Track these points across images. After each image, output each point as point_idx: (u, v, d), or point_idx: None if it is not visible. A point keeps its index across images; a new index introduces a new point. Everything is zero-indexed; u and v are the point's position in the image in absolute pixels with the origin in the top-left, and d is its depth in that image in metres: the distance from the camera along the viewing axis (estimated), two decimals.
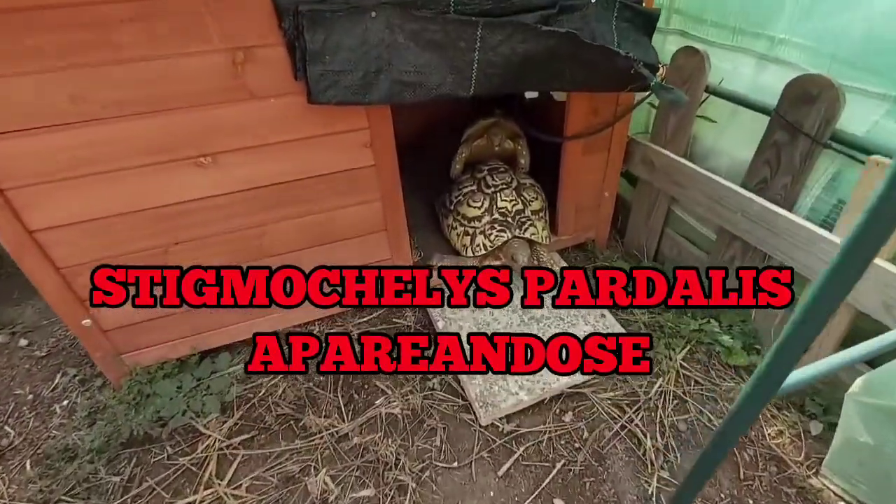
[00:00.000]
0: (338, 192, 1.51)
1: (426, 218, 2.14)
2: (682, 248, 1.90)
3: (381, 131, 1.44)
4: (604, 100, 1.70)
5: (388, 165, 1.52)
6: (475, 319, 1.77)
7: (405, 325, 1.84)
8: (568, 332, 1.71)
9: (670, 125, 1.76)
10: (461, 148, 2.02)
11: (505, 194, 1.80)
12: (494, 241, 1.76)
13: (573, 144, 1.76)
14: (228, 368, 1.70)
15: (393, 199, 1.59)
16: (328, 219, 1.55)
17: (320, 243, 1.59)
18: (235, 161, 1.35)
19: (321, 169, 1.45)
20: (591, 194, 1.96)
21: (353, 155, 1.45)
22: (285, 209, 1.48)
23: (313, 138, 1.39)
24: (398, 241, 1.70)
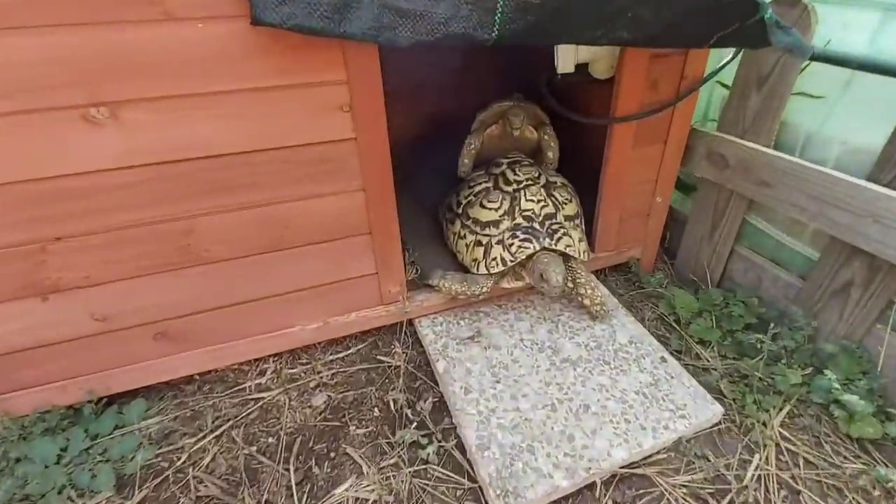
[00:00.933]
0: (300, 176, 1.06)
1: (427, 228, 1.69)
2: (762, 271, 1.44)
3: (366, 88, 1.01)
4: (665, 68, 1.28)
5: (374, 140, 1.08)
6: (487, 359, 1.30)
7: (392, 367, 1.36)
8: (617, 381, 1.23)
9: (751, 107, 1.33)
10: (471, 138, 1.59)
11: (531, 192, 1.36)
12: (517, 253, 1.30)
13: (623, 131, 1.33)
14: (140, 422, 1.21)
15: (381, 190, 1.15)
16: (286, 213, 1.10)
17: (275, 248, 1.13)
18: (144, 118, 0.91)
19: (275, 139, 1.01)
20: (641, 199, 1.52)
21: (323, 121, 1.02)
22: (222, 196, 1.03)
23: (263, 91, 0.95)
24: (387, 249, 1.25)
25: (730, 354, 1.38)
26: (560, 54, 1.37)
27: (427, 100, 2.17)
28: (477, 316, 1.44)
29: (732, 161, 1.38)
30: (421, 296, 1.39)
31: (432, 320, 1.43)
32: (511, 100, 1.56)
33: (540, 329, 1.39)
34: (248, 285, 1.17)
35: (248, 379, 1.31)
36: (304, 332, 1.29)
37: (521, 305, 1.48)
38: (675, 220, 1.71)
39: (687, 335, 1.43)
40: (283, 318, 1.25)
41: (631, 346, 1.34)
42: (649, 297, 1.59)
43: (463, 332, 1.38)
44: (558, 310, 1.46)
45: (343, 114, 1.03)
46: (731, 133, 1.40)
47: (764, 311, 1.41)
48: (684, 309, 1.49)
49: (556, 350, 1.32)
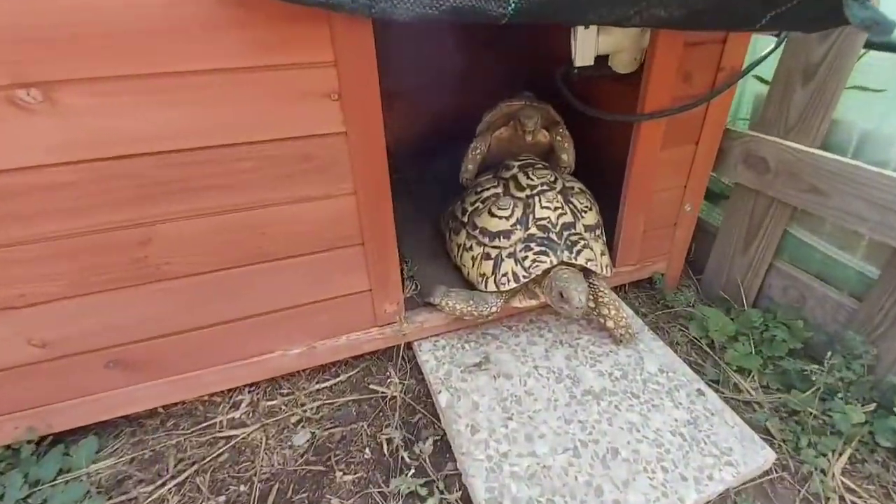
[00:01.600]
0: (279, 177, 0.89)
1: (428, 241, 1.52)
2: (806, 289, 1.27)
3: (358, 72, 0.85)
4: (700, 58, 1.12)
5: (368, 134, 0.91)
6: (497, 390, 1.12)
7: (386, 399, 1.18)
8: (649, 419, 1.05)
9: (796, 103, 1.17)
10: (476, 142, 1.44)
11: (546, 199, 1.19)
12: (531, 268, 1.13)
13: (651, 130, 1.17)
14: (90, 466, 1.02)
15: (375, 193, 0.98)
16: (262, 220, 0.93)
17: (249, 262, 0.96)
18: (86, 103, 0.75)
19: (248, 132, 0.84)
20: (668, 207, 1.35)
21: (306, 111, 0.86)
22: (184, 200, 0.86)
23: (233, 73, 0.79)
24: (382, 262, 1.08)
25: (773, 385, 1.21)
26: (579, 44, 1.21)
27: (429, 99, 2.02)
28: (484, 339, 1.27)
29: (774, 164, 1.22)
30: (421, 316, 1.22)
31: (433, 343, 1.25)
32: (520, 99, 1.41)
33: (556, 354, 1.22)
34: (218, 305, 0.99)
35: (219, 413, 1.13)
36: (285, 358, 1.11)
37: (533, 327, 1.31)
38: (701, 230, 1.54)
39: (723, 362, 1.26)
40: (260, 343, 1.08)
41: (662, 375, 1.16)
42: (677, 318, 1.42)
43: (468, 357, 1.21)
44: (576, 332, 1.29)
45: (331, 103, 0.86)
46: (771, 133, 1.24)
47: (811, 335, 1.24)
48: (718, 332, 1.31)
49: (576, 380, 1.15)
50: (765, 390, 1.21)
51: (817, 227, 1.26)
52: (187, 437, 1.08)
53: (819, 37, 1.10)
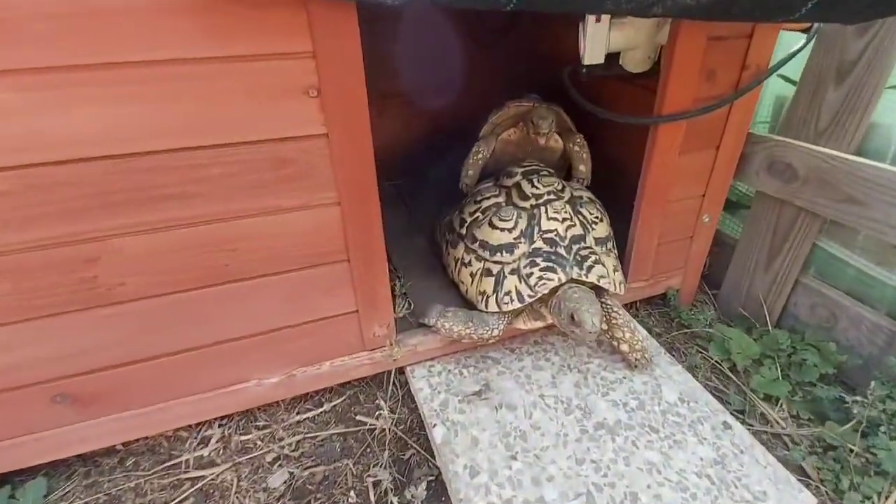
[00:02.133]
0: (250, 185, 0.78)
1: (423, 254, 1.40)
2: (837, 307, 1.16)
3: (340, 64, 0.74)
4: (725, 55, 1.02)
5: (353, 136, 0.80)
6: (499, 424, 1.00)
7: (375, 432, 1.05)
8: (671, 457, 0.93)
9: (828, 105, 1.07)
10: (479, 145, 1.33)
11: (553, 209, 1.08)
12: (537, 286, 1.02)
13: (669, 133, 1.06)
14: None
15: (362, 203, 0.87)
16: (230, 235, 0.81)
17: (217, 282, 0.84)
18: (13, 99, 0.63)
19: (212, 133, 0.73)
20: (684, 217, 1.24)
21: (280, 109, 0.74)
22: (139, 211, 0.74)
23: (194, 65, 0.68)
24: (371, 280, 0.96)
25: (804, 415, 1.09)
26: (588, 40, 1.11)
27: (424, 102, 1.91)
28: (484, 363, 1.15)
29: (803, 171, 1.11)
30: (414, 338, 1.10)
31: (428, 369, 1.13)
32: (529, 100, 1.30)
33: (564, 381, 1.10)
34: (181, 331, 0.87)
35: (185, 450, 1.01)
36: (260, 388, 0.99)
37: (538, 349, 1.19)
38: (717, 242, 1.43)
39: (748, 389, 1.14)
40: (231, 372, 0.95)
41: (682, 405, 1.04)
42: (694, 338, 1.30)
43: (467, 384, 1.09)
44: (585, 356, 1.17)
45: (308, 100, 0.75)
46: (799, 137, 1.13)
47: (844, 359, 1.13)
48: (741, 354, 1.20)
49: (588, 411, 1.03)
50: (795, 421, 1.09)
51: (849, 240, 1.15)
52: (148, 479, 0.95)
53: (856, 31, 0.99)
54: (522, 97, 1.31)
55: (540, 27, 1.77)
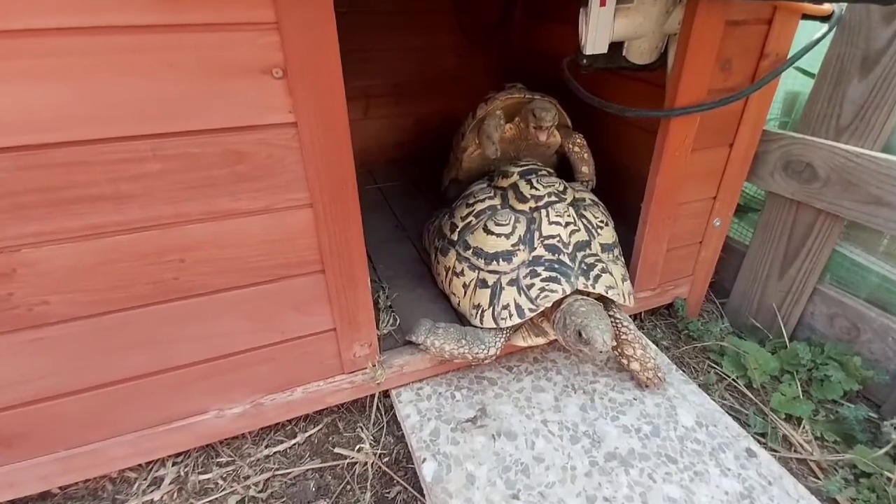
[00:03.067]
0: (198, 184, 0.65)
1: (411, 262, 1.28)
2: (860, 318, 1.07)
3: (311, 37, 0.62)
4: (742, 43, 0.93)
5: (327, 126, 0.68)
6: (498, 456, 0.88)
7: (356, 467, 0.92)
8: (693, 492, 0.82)
9: (851, 99, 0.98)
10: (466, 139, 1.22)
11: (556, 212, 0.97)
12: (539, 299, 0.90)
13: (681, 129, 0.96)
14: None
15: (339, 205, 0.74)
16: (177, 243, 0.67)
17: (163, 298, 0.71)
18: None
19: (152, 120, 0.60)
20: (694, 221, 1.15)
21: (236, 91, 0.61)
22: (60, 215, 0.61)
23: (128, 34, 0.55)
24: (350, 293, 0.83)
25: (829, 437, 0.99)
26: (591, 27, 1.00)
27: (411, 101, 1.80)
28: (479, 384, 1.03)
29: (824, 171, 1.02)
30: (400, 358, 0.97)
31: (416, 392, 1.00)
32: (519, 91, 1.20)
33: (569, 404, 0.98)
34: (123, 357, 0.73)
35: (133, 493, 0.86)
36: (221, 419, 0.85)
37: (539, 367, 1.07)
38: (724, 248, 1.34)
39: (768, 409, 1.04)
40: (185, 403, 0.82)
41: (701, 430, 0.94)
42: (705, 352, 1.20)
43: (461, 410, 0.97)
44: (590, 374, 1.06)
45: (272, 81, 0.62)
46: (818, 134, 1.05)
47: (871, 374, 1.03)
48: (758, 370, 1.10)
49: (597, 439, 0.91)
50: (820, 444, 0.99)
51: (872, 245, 1.06)
52: None
53: (882, 18, 0.91)
54: (508, 88, 1.21)
55: (534, 21, 1.67)
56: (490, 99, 1.18)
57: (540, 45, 1.65)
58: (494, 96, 1.18)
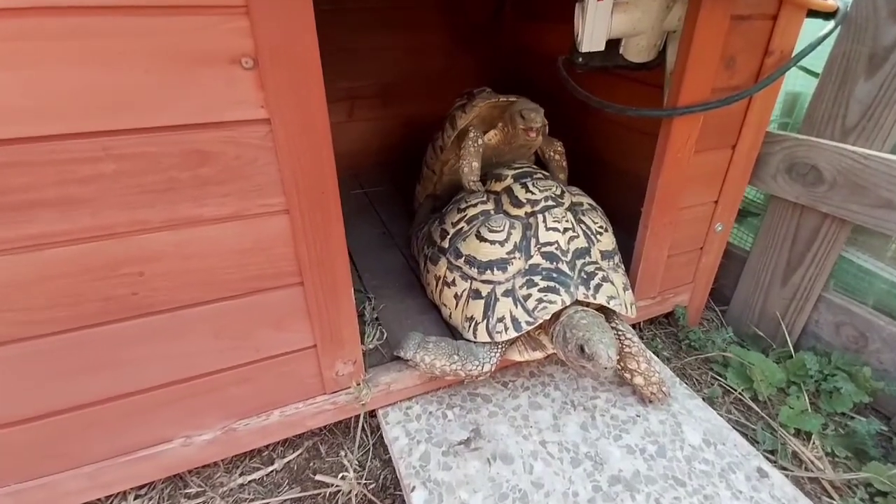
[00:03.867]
0: (156, 188, 0.57)
1: (399, 270, 1.21)
2: (868, 326, 1.03)
3: (286, 25, 0.55)
4: (746, 39, 0.88)
5: (306, 122, 0.61)
6: (494, 482, 0.81)
7: (340, 495, 0.85)
8: None
9: (857, 99, 0.94)
10: (447, 152, 1.16)
11: (553, 217, 0.91)
12: (537, 311, 0.84)
13: (683, 130, 0.91)
14: None
15: (319, 210, 0.67)
16: (134, 254, 0.60)
17: (121, 316, 0.63)
18: None
19: (103, 115, 0.52)
20: (695, 227, 1.10)
21: (200, 83, 0.54)
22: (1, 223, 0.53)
23: (72, 15, 0.47)
24: (332, 306, 0.76)
25: (840, 453, 0.95)
26: (588, 23, 0.95)
27: (399, 103, 1.74)
28: (473, 402, 0.96)
29: (830, 174, 0.98)
30: (387, 375, 0.90)
31: (405, 412, 0.93)
32: (491, 95, 1.11)
33: (568, 423, 0.92)
34: (75, 382, 0.65)
35: None
36: (189, 447, 0.77)
37: (536, 382, 1.01)
38: (724, 254, 1.29)
39: (777, 423, 0.99)
40: (148, 430, 0.74)
41: (709, 448, 0.88)
42: (708, 363, 1.15)
43: (452, 431, 0.90)
44: (590, 388, 1.00)
45: (241, 72, 0.56)
46: (823, 135, 1.01)
47: (882, 385, 0.99)
48: (764, 382, 1.05)
49: (599, 461, 0.85)
50: (831, 460, 0.94)
51: (880, 250, 1.02)
52: None
53: (890, 15, 0.87)
54: (477, 94, 1.13)
55: (525, 21, 1.62)
56: (467, 105, 1.11)
57: (530, 44, 1.60)
58: (472, 103, 1.11)
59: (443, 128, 1.17)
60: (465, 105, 1.11)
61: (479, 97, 1.09)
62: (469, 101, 1.10)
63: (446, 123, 1.16)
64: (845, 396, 1.00)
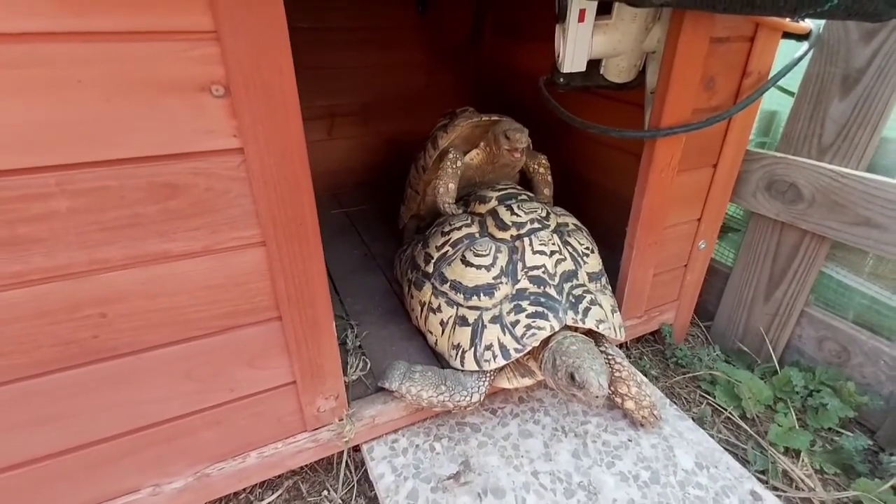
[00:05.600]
0: (120, 223, 0.53)
1: (382, 294, 1.18)
2: (851, 341, 1.04)
3: (260, 50, 0.52)
4: (725, 60, 0.89)
5: (282, 150, 0.58)
6: None
7: None
8: None
9: (833, 118, 0.96)
10: (430, 172, 1.13)
11: (540, 239, 0.89)
12: (525, 337, 0.82)
13: (667, 151, 0.91)
14: None
15: (297, 241, 0.64)
16: (95, 294, 0.55)
17: (80, 362, 0.58)
18: None
19: (59, 147, 0.48)
20: (679, 244, 1.10)
21: (168, 112, 0.51)
22: None
23: (35, 42, 0.44)
24: (312, 340, 0.72)
25: (829, 469, 0.94)
26: (569, 44, 0.95)
27: (379, 121, 1.72)
28: (461, 432, 0.93)
29: (809, 192, 0.99)
30: (372, 408, 0.86)
31: (391, 445, 0.89)
32: (473, 114, 1.10)
33: (560, 451, 0.89)
34: (29, 433, 0.60)
35: None
36: (158, 497, 0.71)
37: (525, 409, 0.98)
38: (707, 269, 1.30)
39: (766, 442, 0.98)
40: (114, 481, 0.68)
41: (702, 472, 0.87)
42: (695, 381, 1.14)
43: (441, 464, 0.86)
44: (581, 413, 0.98)
45: (211, 100, 0.52)
46: (800, 153, 1.02)
47: (866, 400, 1.00)
48: (752, 399, 1.05)
49: (593, 491, 0.83)
50: (820, 477, 0.94)
51: (858, 266, 1.04)
52: None
53: (861, 37, 0.90)
54: (459, 113, 1.12)
55: (505, 39, 1.62)
56: (449, 125, 1.09)
57: (510, 62, 1.61)
58: (454, 122, 1.09)
59: (425, 147, 1.15)
60: (447, 125, 1.09)
61: (462, 116, 1.08)
62: (451, 121, 1.09)
63: (428, 143, 1.14)
64: (831, 412, 1.00)
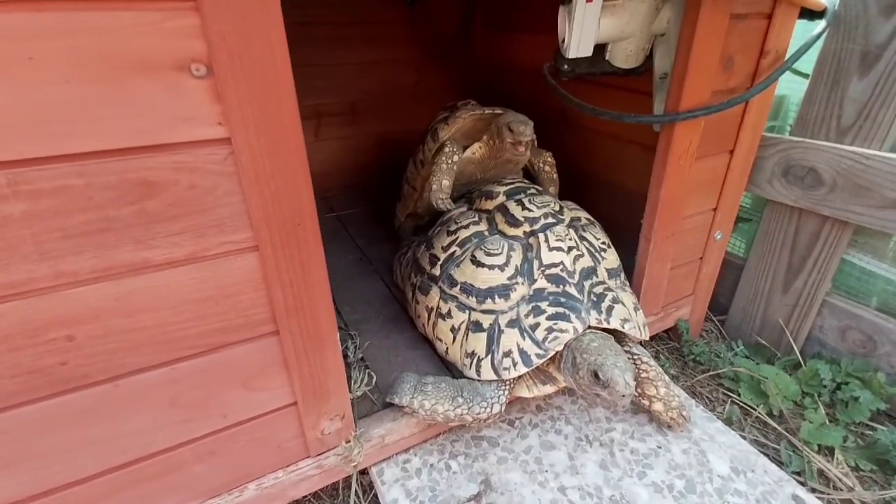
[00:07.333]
0: (88, 229, 0.45)
1: (381, 300, 1.10)
2: (877, 331, 0.99)
3: (247, 23, 0.44)
4: (743, 39, 0.84)
5: (275, 140, 0.50)
6: None
7: None
8: None
9: (851, 98, 0.92)
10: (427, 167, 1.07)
11: (556, 235, 0.83)
12: (547, 342, 0.75)
13: (685, 136, 0.85)
14: None
15: (296, 245, 0.56)
16: (58, 314, 0.47)
17: (46, 393, 0.49)
18: None
19: (22, 139, 0.40)
20: (695, 236, 1.05)
21: (140, 95, 0.43)
22: None
23: None
24: (315, 356, 0.64)
25: (866, 466, 0.89)
26: (575, 28, 0.89)
27: (370, 121, 1.64)
28: (478, 447, 0.85)
29: (829, 176, 0.95)
30: (381, 426, 0.78)
31: (403, 467, 0.82)
32: (476, 107, 1.04)
33: (586, 462, 0.83)
34: None
35: None
36: None
37: (544, 418, 0.91)
38: None
39: (799, 440, 0.93)
40: None
41: (739, 477, 0.81)
42: (716, 379, 1.09)
43: (459, 485, 0.79)
44: (604, 419, 0.91)
45: (191, 81, 0.45)
46: (817, 136, 0.98)
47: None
48: (780, 395, 0.99)
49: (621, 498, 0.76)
50: (858, 475, 0.89)
51: (881, 251, 0.99)
52: None
53: (881, 11, 0.86)
54: (460, 106, 1.06)
55: (496, 33, 1.57)
56: (450, 118, 1.03)
57: (502, 56, 1.55)
58: (455, 115, 1.03)
59: (424, 141, 1.08)
60: (447, 117, 1.03)
61: (464, 109, 1.01)
62: (452, 113, 1.02)
63: (427, 136, 1.07)
64: (863, 405, 0.95)
